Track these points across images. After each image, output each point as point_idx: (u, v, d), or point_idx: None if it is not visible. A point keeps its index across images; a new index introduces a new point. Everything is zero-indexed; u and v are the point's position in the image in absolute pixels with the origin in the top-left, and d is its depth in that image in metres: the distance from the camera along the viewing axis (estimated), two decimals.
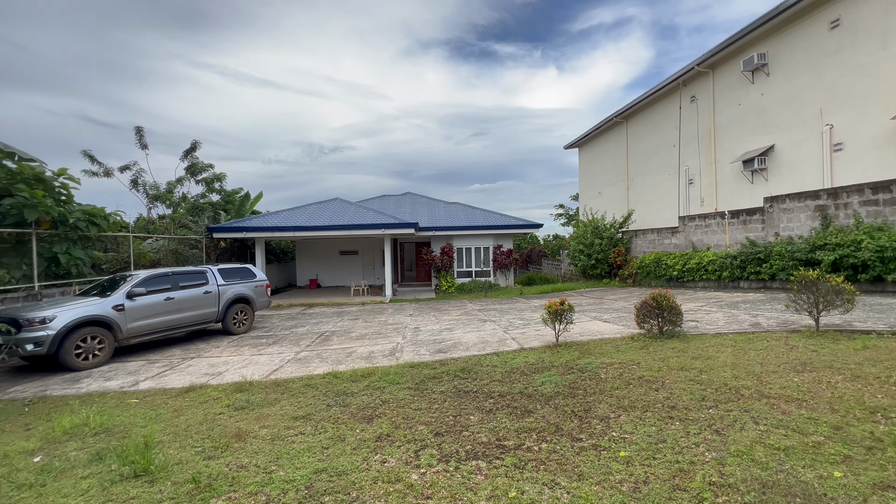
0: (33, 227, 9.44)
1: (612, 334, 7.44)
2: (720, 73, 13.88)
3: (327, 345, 8.66)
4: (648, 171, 18.07)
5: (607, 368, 5.34)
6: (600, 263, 17.57)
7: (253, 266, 11.63)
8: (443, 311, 12.65)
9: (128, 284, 8.57)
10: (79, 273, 10.73)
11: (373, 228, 16.75)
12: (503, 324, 9.81)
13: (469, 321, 10.54)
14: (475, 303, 14.55)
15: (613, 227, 17.87)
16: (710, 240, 12.88)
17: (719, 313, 8.52)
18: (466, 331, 9.24)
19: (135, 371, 7.35)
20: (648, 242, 15.97)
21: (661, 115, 17.10)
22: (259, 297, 11.32)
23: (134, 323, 8.40)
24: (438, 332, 9.34)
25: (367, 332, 9.76)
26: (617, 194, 20.75)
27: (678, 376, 4.81)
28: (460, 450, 3.51)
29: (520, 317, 10.72)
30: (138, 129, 14.58)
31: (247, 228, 16.49)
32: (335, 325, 11.13)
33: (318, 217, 17.75)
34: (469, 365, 6.20)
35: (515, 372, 5.68)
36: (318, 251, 23.56)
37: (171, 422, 4.74)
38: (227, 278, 10.62)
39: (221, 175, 16.69)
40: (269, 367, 7.15)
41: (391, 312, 12.95)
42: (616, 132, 20.72)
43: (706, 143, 14.60)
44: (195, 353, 8.58)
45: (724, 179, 13.75)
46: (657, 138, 17.36)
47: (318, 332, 10.09)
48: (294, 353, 8.10)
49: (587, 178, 24.45)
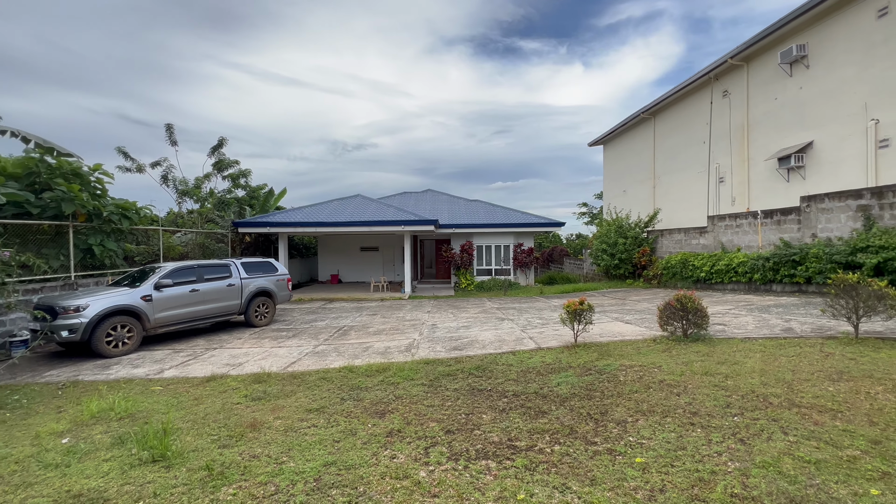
0: (70, 219, 9.90)
1: (634, 336, 7.22)
2: (755, 66, 13.25)
3: (345, 339, 8.75)
4: (676, 168, 17.47)
5: (627, 371, 5.17)
6: (624, 263, 17.13)
7: (275, 260, 11.86)
8: (461, 309, 12.60)
9: (156, 276, 8.88)
10: (112, 264, 11.20)
11: (392, 225, 16.83)
12: (521, 322, 9.68)
13: (487, 319, 10.45)
14: (494, 301, 14.43)
15: (638, 226, 17.38)
16: (741, 241, 12.34)
17: (749, 317, 8.15)
18: (483, 329, 9.16)
19: (161, 359, 7.60)
20: (675, 242, 15.45)
21: (690, 111, 16.48)
22: (280, 291, 11.54)
23: (161, 313, 8.70)
24: (455, 329, 9.30)
25: (385, 328, 9.81)
26: (643, 193, 20.17)
27: (701, 381, 4.60)
28: (470, 448, 3.45)
29: (538, 316, 10.56)
30: (168, 126, 15.11)
31: (270, 223, 16.85)
32: (354, 320, 11.24)
33: (340, 213, 17.98)
34: (484, 363, 6.13)
35: (531, 372, 5.57)
36: (340, 247, 23.88)
37: (190, 409, 4.86)
38: (250, 272, 10.87)
39: (247, 171, 17.13)
40: (288, 359, 7.27)
41: (409, 309, 12.98)
42: (643, 129, 20.13)
43: (739, 140, 13.99)
44: (218, 343, 8.82)
45: (758, 178, 13.13)
46: (686, 135, 16.76)
47: (337, 327, 10.21)
48: (312, 346, 8.22)
49: (612, 175, 23.86)
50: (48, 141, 9.08)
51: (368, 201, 20.34)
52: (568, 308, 6.45)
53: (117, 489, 3.03)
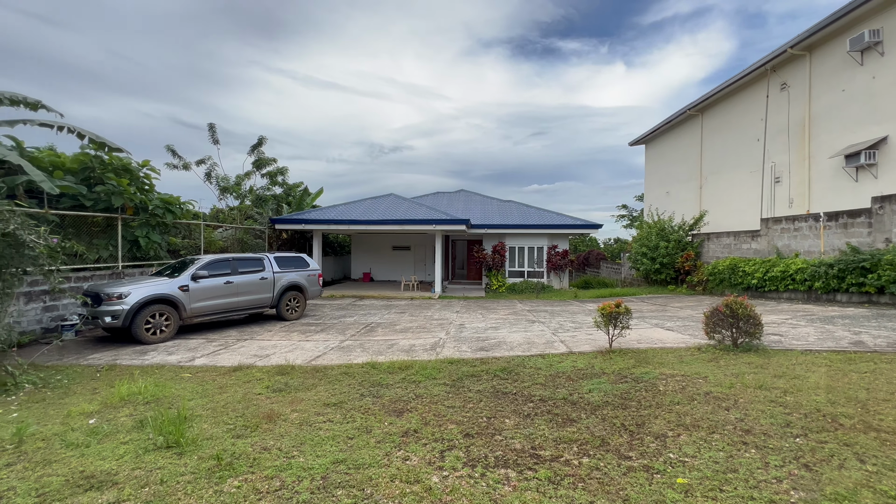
0: (119, 212, 10.44)
1: (675, 343, 6.67)
2: (819, 55, 12.10)
3: (371, 335, 8.67)
4: (726, 168, 16.31)
5: (667, 380, 4.72)
6: (665, 268, 16.19)
7: (306, 255, 12.03)
8: (490, 310, 12.28)
9: (193, 267, 9.17)
10: (156, 256, 11.74)
11: (424, 224, 16.74)
12: (552, 326, 9.25)
13: (517, 321, 10.09)
14: (525, 303, 14.00)
15: (682, 228, 16.38)
16: (800, 245, 11.28)
17: (809, 328, 7.35)
18: (513, 330, 8.82)
19: (194, 348, 7.80)
20: (723, 247, 14.41)
21: (743, 106, 15.34)
22: (311, 286, 11.68)
23: (196, 303, 8.96)
24: (483, 329, 9.01)
25: (412, 326, 9.67)
26: (687, 194, 19.02)
27: (755, 395, 4.09)
28: (490, 455, 3.19)
29: (571, 319, 10.08)
30: (211, 125, 15.80)
31: (305, 220, 17.21)
32: (382, 317, 11.19)
33: (373, 211, 18.11)
34: (511, 365, 5.83)
35: (561, 376, 5.21)
36: (372, 246, 24.12)
37: (213, 397, 4.87)
38: (283, 266, 11.06)
39: (284, 169, 17.59)
40: (313, 353, 7.25)
41: (438, 308, 12.81)
42: (689, 126, 18.99)
43: (798, 136, 12.83)
44: (249, 335, 8.98)
45: (820, 177, 11.97)
46: (738, 132, 15.61)
47: (365, 323, 10.18)
48: (339, 341, 8.19)
49: (654, 176, 22.71)
50: (100, 136, 9.60)
51: (401, 200, 20.39)
52: (603, 311, 6.03)
53: (127, 473, 2.99)
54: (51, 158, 9.96)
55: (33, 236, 5.49)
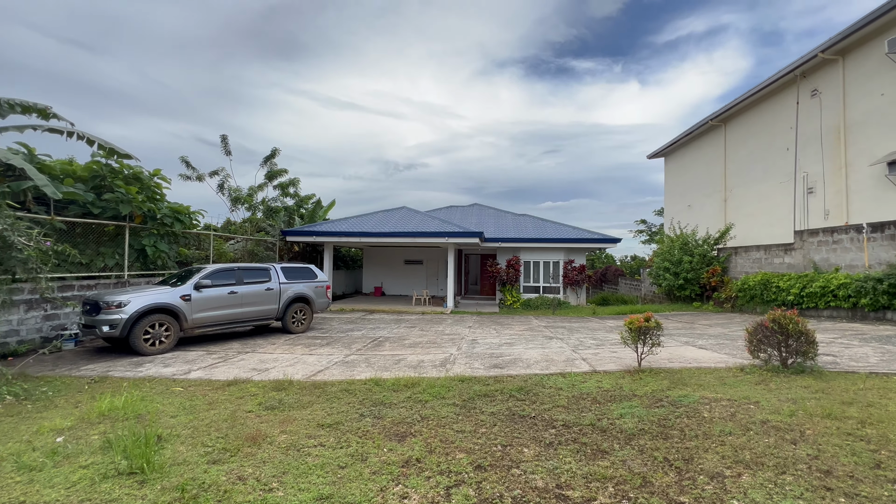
0: (126, 220, 10.29)
1: (712, 363, 5.98)
2: (854, 59, 11.47)
3: (378, 350, 8.17)
4: (752, 179, 15.56)
5: (711, 405, 4.08)
6: (690, 284, 15.35)
7: (314, 267, 11.68)
8: (505, 325, 11.67)
9: (196, 276, 8.87)
10: (164, 265, 11.54)
11: (436, 236, 16.33)
12: (572, 342, 8.61)
13: (533, 337, 9.47)
14: (541, 319, 13.34)
15: (707, 242, 15.58)
16: (840, 259, 10.45)
17: (865, 348, 6.58)
18: (529, 347, 8.21)
19: (192, 360, 7.41)
20: (752, 262, 13.58)
21: (770, 115, 14.69)
22: (319, 298, 11.28)
23: (199, 313, 8.62)
24: (497, 345, 8.42)
25: (421, 341, 9.14)
26: (711, 207, 18.23)
27: (825, 427, 3.43)
28: (506, 494, 2.63)
29: (592, 336, 9.41)
30: (223, 137, 15.84)
31: (316, 233, 16.98)
32: (391, 331, 10.70)
33: (384, 224, 17.81)
34: (528, 385, 5.24)
35: (585, 398, 4.62)
36: (384, 259, 23.80)
37: (198, 415, 4.42)
38: (290, 277, 10.71)
39: (296, 180, 17.48)
40: (315, 367, 6.78)
41: (450, 323, 12.25)
42: (712, 137, 18.34)
43: (832, 144, 12.11)
44: (251, 348, 8.57)
45: (859, 186, 11.19)
46: (765, 141, 14.92)
47: (373, 338, 9.69)
48: (343, 355, 7.71)
49: (674, 189, 21.97)
50: (107, 142, 9.52)
51: (413, 213, 20.09)
52: (630, 325, 5.43)
53: None
54: (62, 167, 9.91)
55: (23, 238, 5.21)
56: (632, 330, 5.41)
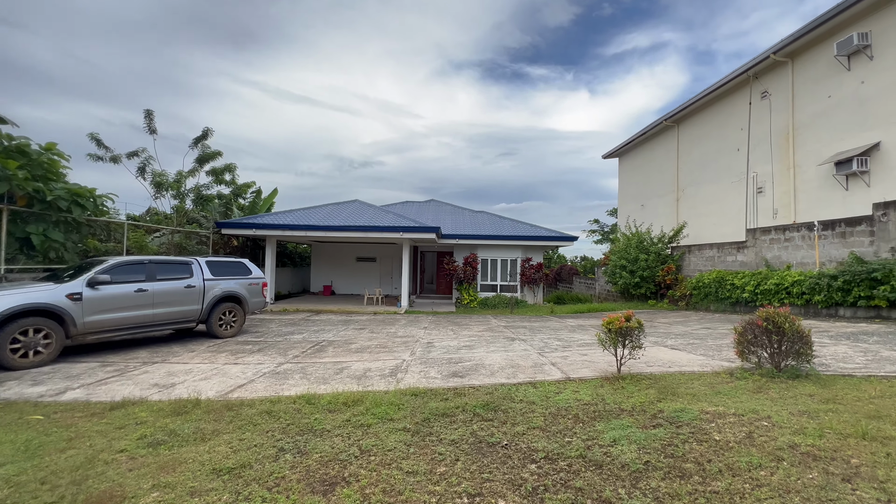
0: (4, 201, 8.36)
1: (694, 366, 5.45)
2: (803, 61, 11.79)
3: (318, 357, 7.01)
4: (704, 179, 15.87)
5: (718, 423, 3.40)
6: (645, 282, 15.36)
7: (248, 262, 10.22)
8: (462, 326, 10.84)
9: (91, 270, 7.24)
10: (59, 258, 9.60)
11: (391, 231, 15.23)
12: (536, 344, 7.91)
13: (493, 338, 8.69)
14: (500, 319, 12.66)
15: (662, 241, 15.69)
16: (791, 257, 10.61)
17: (841, 347, 6.35)
18: (490, 350, 7.40)
19: (76, 375, 5.90)
20: (706, 260, 13.72)
21: (722, 116, 15.00)
22: (253, 297, 9.87)
23: (93, 316, 7.01)
24: (455, 349, 7.54)
25: (370, 345, 8.07)
26: (663, 207, 18.54)
27: (871, 453, 2.78)
28: None
29: (555, 337, 8.79)
30: (147, 112, 13.67)
31: (257, 225, 15.30)
32: (336, 334, 9.51)
33: (335, 217, 16.43)
34: (495, 399, 4.38)
35: (565, 415, 3.82)
36: (335, 256, 22.31)
37: (43, 460, 3.15)
38: (217, 273, 9.23)
39: (232, 166, 15.53)
40: (236, 380, 5.54)
41: (403, 324, 11.23)
42: (665, 138, 18.66)
43: (781, 146, 12.42)
44: (162, 356, 7.10)
45: (807, 186, 11.51)
46: (717, 142, 15.24)
47: (314, 342, 8.48)
48: (276, 364, 6.49)
49: (628, 189, 22.30)
50: None
51: (366, 207, 18.82)
52: (609, 326, 4.72)
53: None
54: None
55: None
56: (611, 331, 4.71)
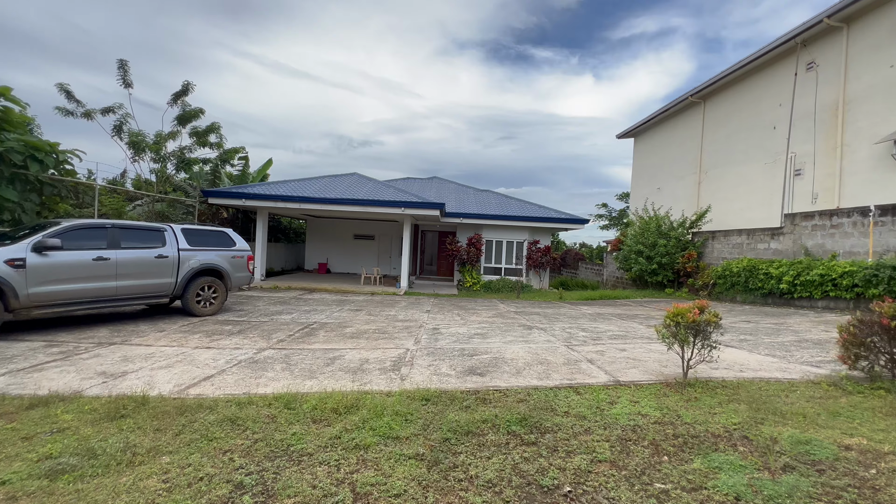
0: None
1: (772, 371, 4.42)
2: (861, 26, 10.49)
3: (307, 342, 5.97)
4: (732, 160, 14.68)
5: (881, 468, 2.37)
6: (663, 269, 14.33)
7: (232, 232, 9.08)
8: (469, 310, 9.82)
9: (37, 234, 6.10)
10: (14, 219, 8.43)
11: (391, 206, 14.06)
12: (559, 334, 6.89)
13: (507, 326, 7.67)
14: (508, 304, 11.66)
15: (683, 225, 14.59)
16: (838, 245, 9.57)
17: None
18: (508, 340, 6.37)
19: (9, 357, 4.84)
20: (732, 247, 12.67)
21: (757, 91, 13.72)
22: (237, 272, 8.77)
23: (40, 287, 5.91)
24: (466, 337, 6.51)
25: (368, 329, 7.03)
26: (683, 190, 17.38)
27: None
28: None
29: (577, 326, 7.77)
30: (121, 62, 12.21)
31: (247, 195, 14.07)
32: (330, 315, 8.48)
33: (331, 190, 15.21)
34: (532, 409, 3.35)
35: (637, 440, 2.79)
36: (331, 233, 21.17)
37: None
38: (195, 243, 8.11)
39: (216, 125, 14.01)
40: (204, 370, 4.49)
41: (404, 306, 10.20)
42: (688, 116, 17.36)
43: (827, 123, 11.23)
44: (124, 336, 6.05)
45: (857, 168, 10.39)
46: (749, 120, 14.00)
47: (304, 323, 7.44)
48: (255, 350, 5.45)
49: (643, 171, 21.07)
50: None
51: (365, 180, 17.58)
52: (677, 318, 3.66)
53: None
54: None
55: None
56: (681, 325, 3.65)
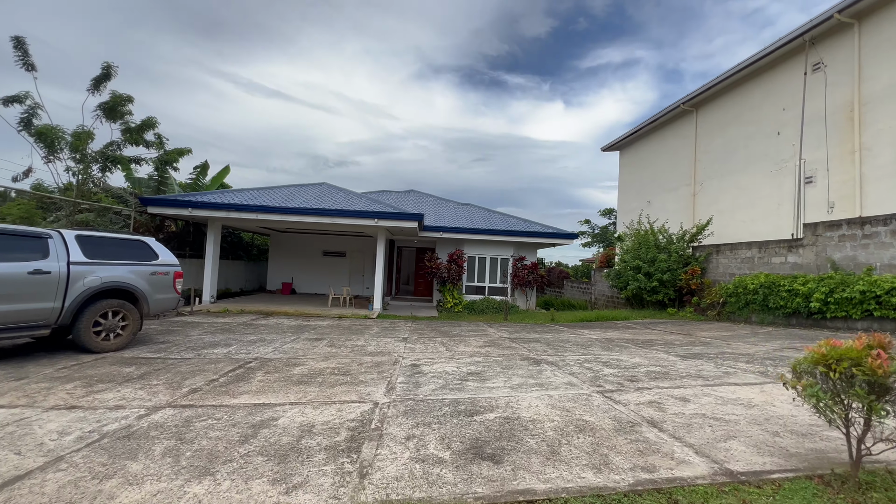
0: None
1: None
2: (876, 21, 9.79)
3: (232, 393, 4.10)
4: (731, 170, 13.80)
5: None
6: (664, 287, 13.07)
7: (154, 242, 7.12)
8: (454, 337, 8.09)
9: None
10: None
11: (363, 217, 12.34)
12: (579, 372, 5.25)
13: (507, 360, 5.98)
14: (497, 328, 10.00)
15: (683, 239, 13.46)
16: (874, 257, 8.47)
17: None
18: (514, 382, 4.67)
19: None
20: (741, 261, 11.53)
21: (757, 97, 12.96)
22: (158, 292, 6.80)
23: None
24: (458, 379, 4.77)
25: (324, 369, 5.20)
26: (675, 202, 16.43)
27: None
28: None
29: (595, 358, 6.15)
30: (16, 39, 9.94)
31: (194, 203, 12.05)
32: (279, 347, 6.58)
33: (295, 199, 13.36)
34: None
35: None
36: (297, 249, 19.15)
37: None
38: (95, 254, 6.15)
39: (152, 120, 11.90)
40: (24, 459, 2.59)
41: (375, 333, 8.38)
42: (679, 126, 16.58)
43: (841, 125, 10.39)
44: None
45: (879, 173, 9.48)
46: (749, 127, 13.19)
47: (241, 361, 5.55)
48: (146, 409, 3.56)
49: (631, 185, 20.17)
50: None
51: (335, 190, 15.79)
52: (834, 362, 2.10)
53: None
54: None
55: None
56: (845, 378, 2.07)
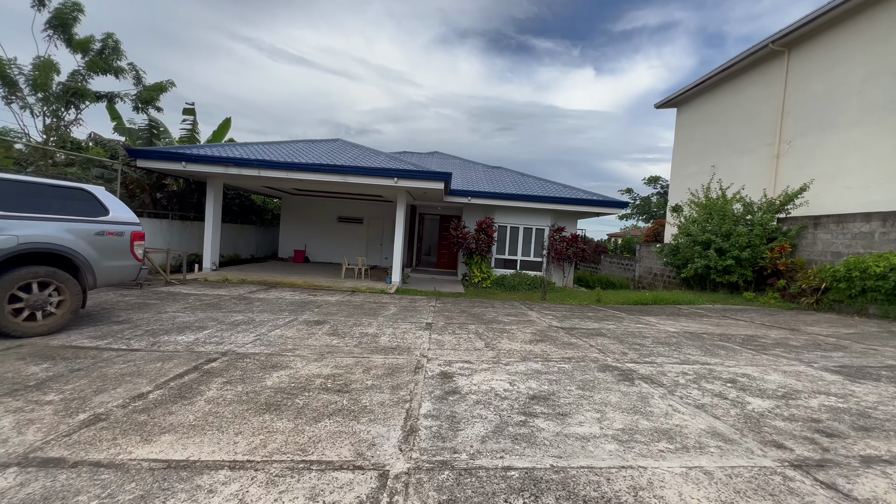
0: None
1: None
2: None
3: (147, 431, 2.35)
4: (835, 122, 11.15)
5: None
6: (740, 267, 10.82)
7: (103, 192, 5.43)
8: (491, 324, 6.25)
9: None
10: None
11: (381, 176, 10.47)
12: (712, 406, 3.33)
13: (578, 369, 4.10)
14: (538, 310, 8.14)
15: (770, 209, 11.05)
16: None
17: None
18: (616, 424, 2.79)
19: None
20: (852, 238, 9.18)
21: (882, 25, 10.15)
22: (108, 259, 5.17)
23: None
24: (517, 411, 2.92)
25: (314, 376, 3.43)
26: (750, 167, 13.83)
27: None
28: None
29: (705, 370, 4.21)
30: None
31: (188, 157, 10.40)
32: (266, 335, 4.89)
33: (304, 155, 11.54)
34: None
35: None
36: (310, 215, 17.58)
37: None
38: (8, 204, 4.49)
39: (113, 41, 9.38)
40: None
41: (392, 315, 6.64)
42: (760, 73, 13.74)
43: None
44: None
45: None
46: (861, 68, 10.47)
47: (203, 357, 3.88)
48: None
49: (689, 147, 17.45)
50: None
51: (350, 146, 13.88)
52: None
53: None
54: None
55: None
56: None
